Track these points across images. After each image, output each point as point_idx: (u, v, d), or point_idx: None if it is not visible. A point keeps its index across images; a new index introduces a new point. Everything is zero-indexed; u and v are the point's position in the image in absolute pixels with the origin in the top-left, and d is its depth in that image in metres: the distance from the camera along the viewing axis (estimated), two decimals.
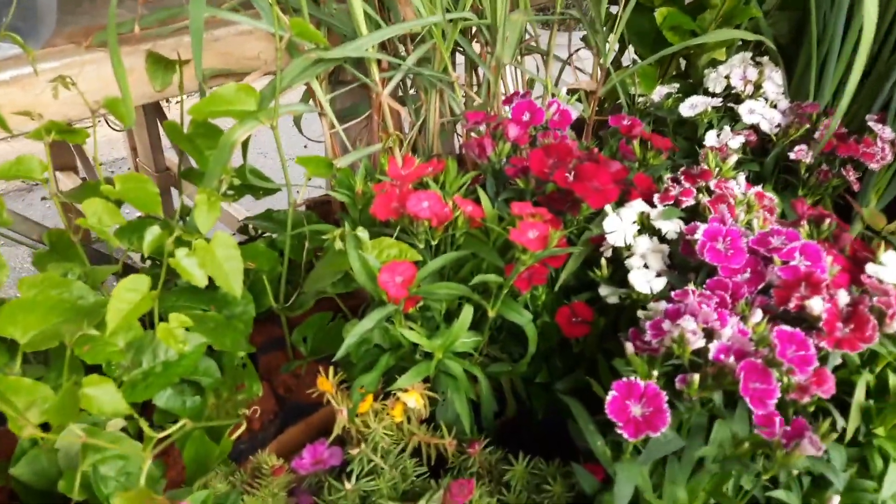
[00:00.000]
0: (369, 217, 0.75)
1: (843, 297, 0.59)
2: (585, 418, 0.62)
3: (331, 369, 0.72)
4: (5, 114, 0.74)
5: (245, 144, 0.81)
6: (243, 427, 0.67)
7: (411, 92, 0.99)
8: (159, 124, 1.54)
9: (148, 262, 0.90)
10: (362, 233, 0.67)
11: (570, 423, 0.67)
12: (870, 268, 0.63)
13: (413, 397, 0.70)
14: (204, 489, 0.62)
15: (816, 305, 0.57)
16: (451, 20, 0.84)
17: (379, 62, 0.87)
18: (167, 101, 1.10)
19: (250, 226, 1.00)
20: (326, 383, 0.72)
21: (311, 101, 0.90)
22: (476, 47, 1.02)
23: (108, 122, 1.20)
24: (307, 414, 0.83)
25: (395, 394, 0.71)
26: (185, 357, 0.67)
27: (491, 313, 0.72)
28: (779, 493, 0.59)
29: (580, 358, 0.78)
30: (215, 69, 0.86)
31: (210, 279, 0.68)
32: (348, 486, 0.64)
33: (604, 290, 0.73)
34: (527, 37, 1.08)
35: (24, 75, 0.77)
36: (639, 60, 1.17)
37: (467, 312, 0.70)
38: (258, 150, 2.31)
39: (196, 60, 0.75)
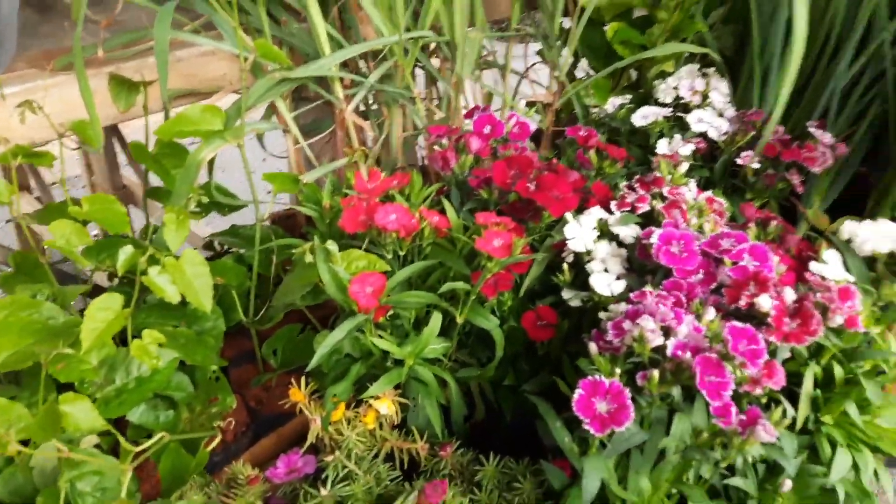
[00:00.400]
0: (337, 230, 0.77)
1: (790, 295, 0.63)
2: (553, 417, 0.64)
3: (302, 380, 0.74)
4: None
5: (211, 162, 0.82)
6: (218, 439, 0.68)
7: (374, 107, 1.01)
8: (115, 142, 1.53)
9: (115, 281, 0.90)
10: (332, 245, 0.69)
11: (538, 423, 0.70)
12: (813, 266, 0.67)
13: (385, 404, 0.72)
14: (180, 501, 0.63)
15: (765, 303, 0.61)
16: (411, 38, 0.86)
17: (342, 79, 0.89)
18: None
19: (216, 242, 1.00)
20: (299, 394, 0.73)
21: (274, 118, 0.91)
22: (436, 63, 1.04)
23: (60, 142, 1.19)
24: (279, 425, 0.84)
25: (367, 401, 0.73)
26: (158, 373, 0.68)
27: (459, 319, 0.74)
28: (736, 481, 0.63)
29: (545, 360, 0.81)
30: (180, 90, 0.87)
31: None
32: (324, 491, 0.65)
33: (566, 294, 0.76)
34: (484, 52, 1.11)
35: None
36: (592, 73, 1.21)
37: (436, 319, 0.72)
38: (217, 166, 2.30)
39: (161, 81, 0.76)
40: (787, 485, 0.61)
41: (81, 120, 0.74)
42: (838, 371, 0.67)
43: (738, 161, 0.99)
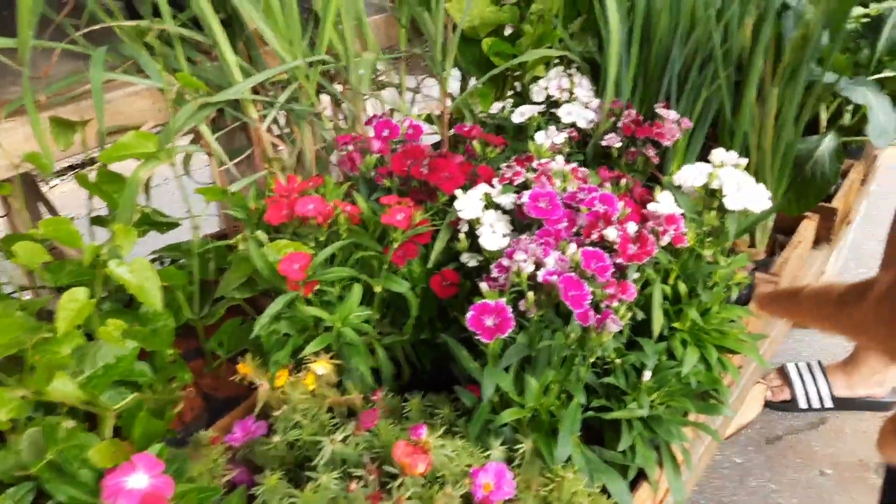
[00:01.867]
0: (265, 227, 0.90)
1: (632, 227, 0.79)
2: (459, 347, 0.78)
3: (248, 356, 0.86)
4: None
5: (147, 184, 0.95)
6: (181, 405, 0.80)
7: (287, 130, 1.16)
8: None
9: None
10: (262, 235, 0.82)
11: (453, 365, 0.84)
12: (651, 205, 0.84)
13: (321, 365, 0.84)
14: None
15: (611, 234, 0.77)
16: (310, 63, 1.01)
17: (255, 103, 1.03)
18: None
19: (158, 260, 1.12)
20: (246, 367, 0.85)
21: (200, 143, 1.04)
22: (340, 87, 1.20)
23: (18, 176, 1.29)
24: (233, 406, 0.96)
25: (305, 367, 0.85)
26: (123, 360, 0.80)
27: (377, 288, 0.88)
28: (608, 379, 0.78)
29: (455, 320, 0.95)
30: (111, 127, 1.00)
31: (132, 301, 0.81)
32: (276, 438, 0.78)
33: (464, 257, 0.91)
34: (380, 74, 1.27)
35: None
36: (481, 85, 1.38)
37: (357, 288, 0.86)
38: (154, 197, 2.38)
39: (99, 117, 0.88)
40: (647, 375, 0.77)
41: (34, 152, 0.86)
42: (682, 287, 0.84)
43: (604, 143, 1.17)
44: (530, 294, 0.73)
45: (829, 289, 0.36)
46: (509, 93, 1.43)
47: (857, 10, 1.47)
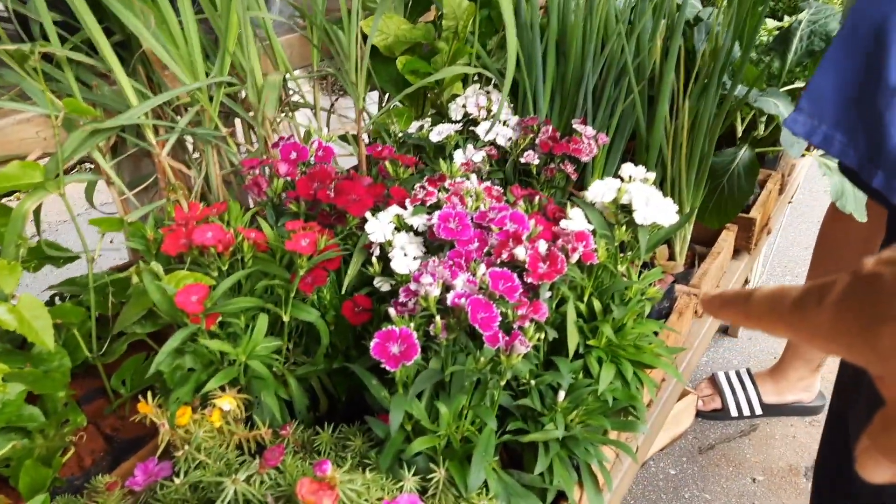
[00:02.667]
0: (165, 258, 0.86)
1: (543, 246, 0.78)
2: (369, 376, 0.75)
3: (149, 394, 0.81)
4: None
5: (37, 214, 0.89)
6: (72, 451, 0.75)
7: (195, 156, 1.11)
8: None
9: None
10: (157, 267, 0.78)
11: (366, 395, 0.81)
12: (562, 223, 0.83)
13: (226, 401, 0.80)
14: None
15: (520, 253, 0.75)
16: (211, 83, 0.97)
17: (156, 128, 0.99)
18: None
19: (56, 297, 1.06)
20: (146, 406, 0.80)
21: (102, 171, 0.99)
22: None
23: None
24: (138, 448, 0.90)
25: (211, 403, 0.81)
26: (8, 405, 0.74)
27: (285, 318, 0.85)
28: (524, 400, 0.76)
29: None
30: (1, 156, 0.94)
31: (24, 340, 0.76)
32: (177, 480, 0.73)
33: (377, 282, 0.88)
34: (294, 94, 1.24)
35: None
36: (398, 104, 1.36)
37: (262, 319, 0.82)
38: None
39: None
40: (561, 395, 0.75)
41: None
42: (596, 304, 0.83)
43: (522, 160, 1.16)
44: (438, 319, 0.70)
45: (782, 293, 0.35)
46: (431, 111, 1.42)
47: (771, 23, 1.51)
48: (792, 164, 1.64)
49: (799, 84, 1.33)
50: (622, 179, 0.86)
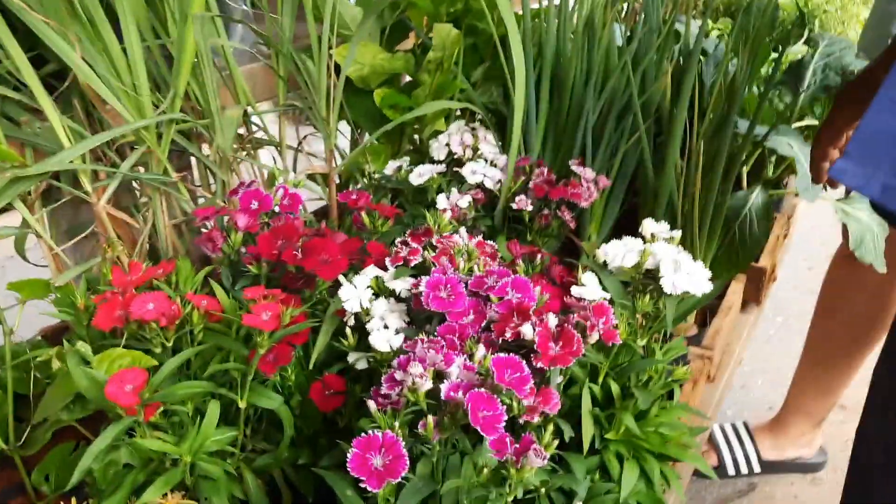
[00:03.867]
0: (100, 331, 0.71)
1: (553, 320, 0.65)
2: (343, 485, 0.61)
3: (73, 500, 0.66)
4: None
5: None
6: None
7: (144, 200, 0.97)
8: None
9: None
10: (83, 346, 0.64)
11: (343, 499, 0.67)
12: (574, 290, 0.70)
13: None
14: None
15: (527, 331, 0.63)
16: (161, 121, 0.84)
17: (96, 172, 0.85)
18: None
19: None
20: None
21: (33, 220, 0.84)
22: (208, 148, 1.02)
23: None
24: None
25: None
26: None
27: (241, 404, 0.70)
28: None
29: (345, 432, 0.78)
30: None
31: None
32: None
33: (352, 357, 0.74)
34: (258, 131, 1.10)
35: None
36: (376, 141, 1.24)
37: (213, 408, 0.68)
38: None
39: None
40: None
41: None
42: (614, 387, 0.70)
43: (514, 206, 1.03)
44: (429, 419, 0.57)
45: None
46: (408, 147, 1.29)
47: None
48: (794, 205, 1.54)
49: (809, 121, 1.23)
50: (644, 238, 0.74)
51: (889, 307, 1.36)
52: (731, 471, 1.65)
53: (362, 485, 0.54)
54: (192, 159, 1.05)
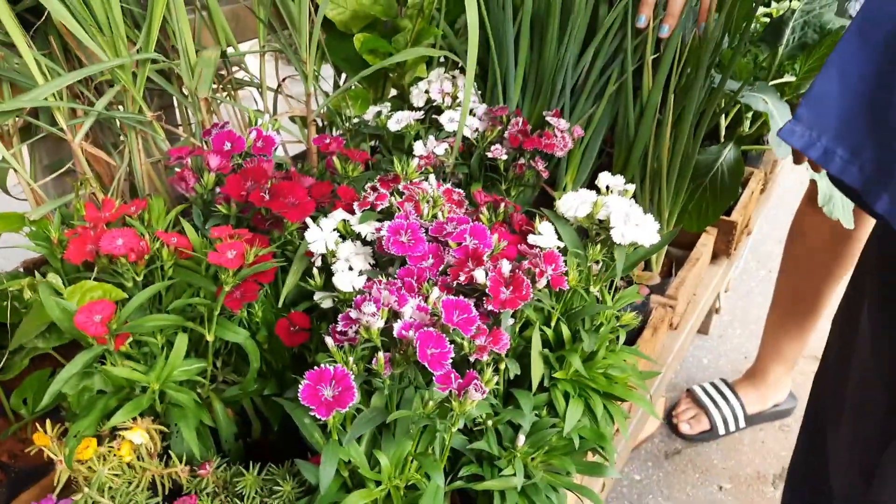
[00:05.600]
0: (74, 264, 0.74)
1: (506, 266, 0.68)
2: (301, 413, 0.65)
3: (48, 423, 0.70)
4: None
5: None
6: None
7: (122, 138, 0.99)
8: None
9: None
10: (54, 278, 0.67)
11: (301, 427, 0.71)
12: (530, 238, 0.73)
13: (137, 433, 0.70)
14: None
15: (480, 276, 0.65)
16: (137, 60, 0.85)
17: (73, 109, 0.86)
18: None
19: None
20: (44, 437, 0.69)
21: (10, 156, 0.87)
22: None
23: None
24: (41, 476, 0.79)
25: (121, 434, 0.70)
26: None
27: (209, 337, 0.74)
28: (477, 444, 0.66)
29: (312, 367, 0.81)
30: None
31: None
32: None
33: (318, 297, 0.77)
34: (238, 71, 1.11)
35: None
36: (357, 85, 1.24)
37: (181, 340, 0.71)
38: None
39: None
40: (521, 440, 0.66)
41: None
42: (565, 330, 0.73)
43: (490, 154, 1.05)
44: (381, 354, 0.60)
45: None
46: (392, 92, 1.30)
47: (760, 10, 1.41)
48: (774, 161, 1.56)
49: (788, 78, 1.24)
50: (598, 190, 0.76)
51: (849, 252, 1.39)
52: (721, 431, 1.70)
53: (312, 412, 0.57)
54: (175, 99, 1.07)
